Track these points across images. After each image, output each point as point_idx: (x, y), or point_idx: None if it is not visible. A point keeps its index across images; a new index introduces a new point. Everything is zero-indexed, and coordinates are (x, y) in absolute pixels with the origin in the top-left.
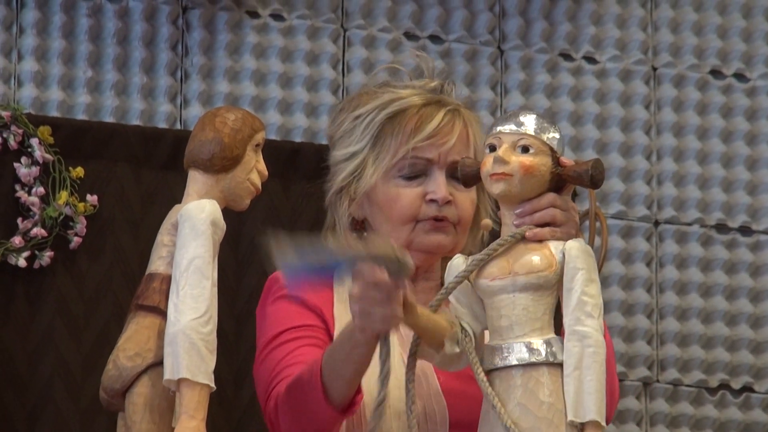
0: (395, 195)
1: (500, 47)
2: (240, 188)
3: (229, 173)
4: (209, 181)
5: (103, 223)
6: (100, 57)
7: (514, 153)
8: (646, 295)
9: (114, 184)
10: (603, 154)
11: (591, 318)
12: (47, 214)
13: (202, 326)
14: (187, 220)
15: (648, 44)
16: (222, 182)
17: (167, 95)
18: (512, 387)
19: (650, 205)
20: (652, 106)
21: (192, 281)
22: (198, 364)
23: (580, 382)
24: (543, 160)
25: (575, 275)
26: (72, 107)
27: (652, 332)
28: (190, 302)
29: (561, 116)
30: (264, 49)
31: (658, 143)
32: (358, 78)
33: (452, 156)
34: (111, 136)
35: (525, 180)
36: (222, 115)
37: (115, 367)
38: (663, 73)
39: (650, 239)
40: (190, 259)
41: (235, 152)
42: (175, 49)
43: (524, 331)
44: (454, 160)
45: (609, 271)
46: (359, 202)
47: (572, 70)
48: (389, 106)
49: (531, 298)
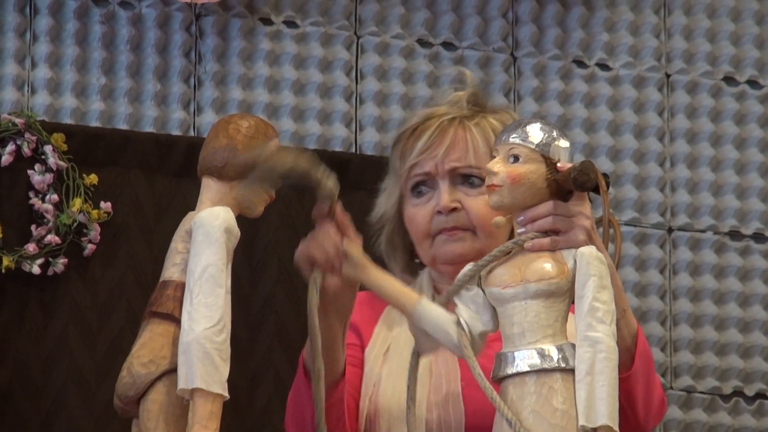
0: (412, 215)
1: (513, 54)
2: (254, 195)
3: (242, 181)
4: (223, 189)
5: (116, 230)
6: (114, 64)
7: (505, 164)
8: (659, 302)
9: (127, 191)
10: (616, 161)
11: (603, 324)
12: (61, 221)
13: (216, 335)
14: (201, 227)
15: (661, 51)
16: (236, 189)
17: (181, 102)
18: (526, 394)
19: (664, 212)
20: (665, 112)
21: (205, 289)
22: (212, 374)
23: (591, 387)
24: (533, 168)
25: (587, 282)
26: (85, 114)
27: (666, 339)
28: (204, 311)
29: (574, 123)
30: (277, 56)
31: (672, 150)
32: (371, 85)
33: (449, 163)
34: (125, 143)
35: (514, 189)
36: (235, 122)
37: (129, 374)
38: (676, 79)
39: (664, 246)
40: (203, 266)
41: (249, 160)
42: (188, 56)
43: (536, 338)
44: (452, 167)
45: (623, 278)
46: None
47: (585, 77)
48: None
49: (543, 305)
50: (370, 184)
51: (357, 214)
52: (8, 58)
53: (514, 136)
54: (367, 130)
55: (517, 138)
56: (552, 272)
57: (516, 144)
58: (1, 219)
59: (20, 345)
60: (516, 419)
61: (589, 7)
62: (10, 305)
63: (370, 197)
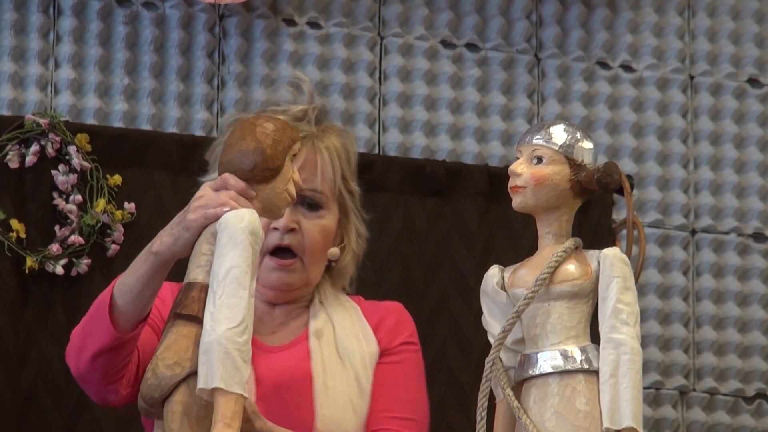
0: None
1: (537, 55)
2: (278, 199)
3: (269, 184)
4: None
5: (140, 230)
6: (137, 64)
7: (528, 165)
8: (683, 303)
9: (151, 191)
10: (640, 162)
11: (627, 326)
12: (85, 222)
13: (238, 336)
14: (226, 229)
15: (685, 53)
16: (262, 192)
17: (204, 103)
18: (548, 395)
19: (687, 213)
20: (689, 114)
21: (229, 291)
22: (232, 374)
23: (616, 389)
24: (556, 170)
25: (611, 283)
26: (109, 115)
27: (689, 341)
28: (227, 312)
29: (598, 125)
30: (300, 57)
31: (695, 152)
32: (394, 86)
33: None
34: (148, 144)
35: (538, 191)
36: (261, 125)
37: (154, 375)
38: (700, 81)
39: (687, 248)
40: (227, 268)
41: (277, 163)
42: (211, 57)
43: (559, 339)
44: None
45: (646, 280)
46: None
47: (609, 79)
48: None
49: (566, 307)
50: (394, 185)
51: (381, 215)
52: (32, 58)
53: (538, 137)
54: (391, 131)
55: (541, 139)
56: (576, 273)
57: (540, 145)
58: (24, 219)
59: (44, 345)
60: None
61: (613, 8)
62: (33, 306)
63: (393, 198)
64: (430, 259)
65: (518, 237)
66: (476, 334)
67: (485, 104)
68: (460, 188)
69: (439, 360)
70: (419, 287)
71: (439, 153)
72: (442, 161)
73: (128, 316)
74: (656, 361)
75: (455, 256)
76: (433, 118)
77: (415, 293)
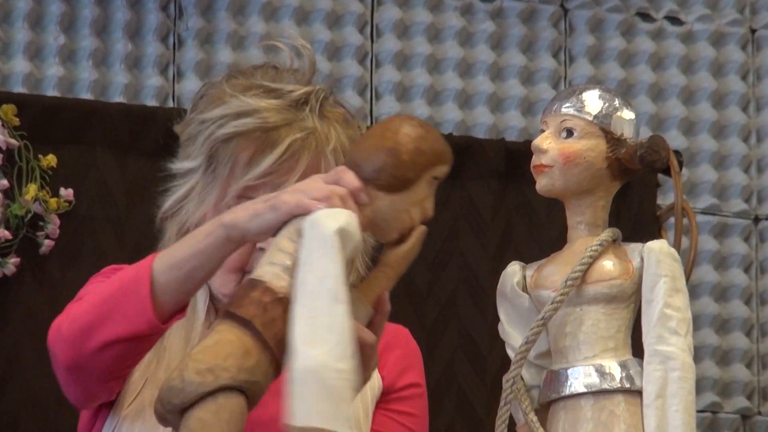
0: None
1: (564, 5)
2: (394, 218)
3: (391, 195)
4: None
5: (79, 222)
6: (75, 19)
7: (556, 139)
8: (744, 307)
9: (93, 174)
10: (691, 135)
11: (676, 335)
12: (12, 212)
13: (338, 361)
14: (315, 228)
15: (745, 1)
16: (378, 202)
17: (157, 66)
18: (581, 420)
19: (749, 197)
20: (750, 76)
21: (324, 306)
22: (334, 410)
23: (663, 412)
24: (590, 144)
25: (657, 283)
26: (41, 81)
27: (752, 353)
28: (324, 334)
29: (638, 90)
30: (276, 9)
31: (758, 122)
32: (389, 44)
33: None
34: (89, 116)
35: (567, 170)
36: (408, 124)
37: (180, 378)
38: (763, 35)
39: (749, 239)
40: (319, 277)
41: (409, 174)
42: (166, 10)
43: (594, 352)
44: None
45: (699, 279)
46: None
47: (652, 33)
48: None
49: (602, 312)
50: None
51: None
52: None
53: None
54: (385, 98)
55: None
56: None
57: (570, 115)
58: None
59: None
60: None
61: None
62: None
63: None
64: (435, 255)
65: (542, 227)
66: (492, 346)
67: (501, 65)
68: (470, 168)
69: (446, 378)
70: (422, 289)
71: (445, 125)
72: (449, 135)
73: (173, 299)
74: (713, 378)
75: (465, 251)
76: (437, 83)
77: (417, 296)
